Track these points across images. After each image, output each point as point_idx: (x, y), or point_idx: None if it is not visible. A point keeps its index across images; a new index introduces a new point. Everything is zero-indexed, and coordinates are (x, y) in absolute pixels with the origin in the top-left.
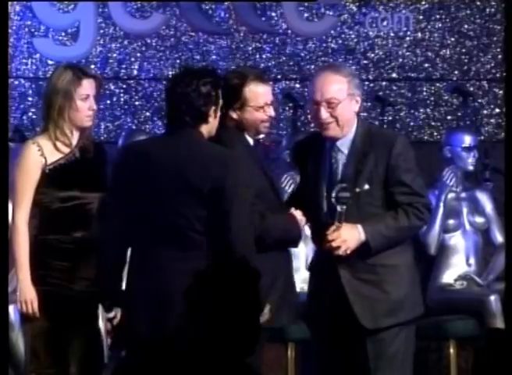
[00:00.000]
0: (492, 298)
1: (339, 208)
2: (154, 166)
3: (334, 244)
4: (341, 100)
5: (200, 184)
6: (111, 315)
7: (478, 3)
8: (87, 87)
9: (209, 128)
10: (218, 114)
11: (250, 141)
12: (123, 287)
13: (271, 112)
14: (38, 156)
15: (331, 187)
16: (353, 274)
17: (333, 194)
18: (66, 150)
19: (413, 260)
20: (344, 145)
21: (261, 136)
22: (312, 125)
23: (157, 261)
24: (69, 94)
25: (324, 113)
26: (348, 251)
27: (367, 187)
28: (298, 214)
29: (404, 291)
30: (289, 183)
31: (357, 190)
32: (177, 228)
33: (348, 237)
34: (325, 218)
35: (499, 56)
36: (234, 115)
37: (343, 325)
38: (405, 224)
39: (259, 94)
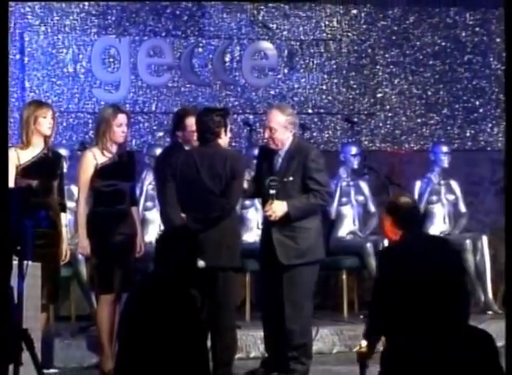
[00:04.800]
0: (368, 244)
1: (271, 191)
2: (195, 163)
3: (268, 213)
4: (277, 129)
5: (221, 172)
6: None
7: (362, 68)
8: (121, 118)
9: (223, 142)
10: (228, 133)
11: (187, 148)
12: None
13: (194, 136)
14: (92, 160)
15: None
16: (279, 232)
17: (266, 183)
18: (109, 155)
19: (320, 225)
20: (282, 153)
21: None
22: (260, 141)
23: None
24: (109, 123)
25: (267, 134)
26: (277, 218)
27: (291, 178)
28: None
29: (309, 244)
30: (247, 176)
31: (285, 180)
32: (207, 198)
33: (277, 209)
34: (267, 197)
35: (372, 99)
36: (179, 133)
37: (272, 262)
38: (313, 202)
39: (192, 123)
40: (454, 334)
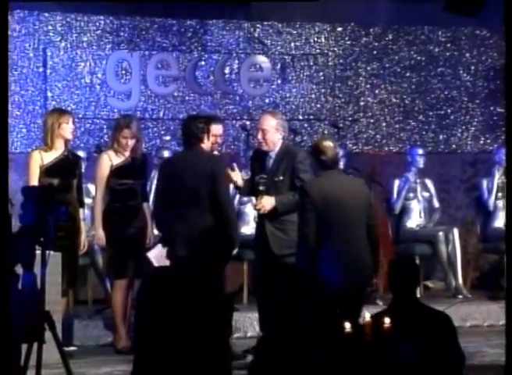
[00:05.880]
0: None
1: (261, 187)
2: (180, 165)
3: (258, 207)
4: (269, 130)
5: (203, 173)
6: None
7: (347, 80)
8: (126, 132)
9: (205, 146)
10: (210, 139)
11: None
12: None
13: (219, 140)
14: (108, 161)
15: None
16: (271, 225)
17: (256, 180)
18: (122, 158)
19: None
20: (273, 155)
21: (214, 153)
22: (256, 144)
23: (185, 216)
24: (117, 135)
25: (259, 136)
26: (266, 212)
27: (281, 178)
28: None
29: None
30: (244, 174)
31: (276, 179)
32: (193, 196)
33: (266, 203)
34: (257, 193)
35: (356, 107)
36: None
37: (265, 251)
38: (298, 199)
39: (213, 129)
40: (416, 315)
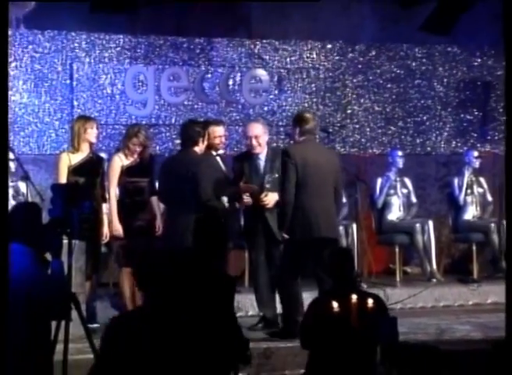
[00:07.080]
0: (341, 227)
1: (267, 185)
2: (174, 166)
3: (266, 202)
4: (260, 135)
5: (191, 173)
6: None
7: (335, 90)
8: (134, 140)
9: (199, 148)
10: (205, 142)
11: (214, 153)
12: None
13: (223, 140)
14: (119, 162)
15: (256, 176)
16: (271, 215)
17: (265, 179)
18: (131, 159)
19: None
20: (262, 156)
21: (219, 152)
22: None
23: (177, 211)
24: (126, 142)
25: (253, 142)
26: (271, 205)
27: (276, 175)
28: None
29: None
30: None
31: (273, 176)
32: (184, 194)
33: (271, 198)
34: (259, 190)
35: (343, 114)
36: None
37: (267, 238)
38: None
39: (215, 131)
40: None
